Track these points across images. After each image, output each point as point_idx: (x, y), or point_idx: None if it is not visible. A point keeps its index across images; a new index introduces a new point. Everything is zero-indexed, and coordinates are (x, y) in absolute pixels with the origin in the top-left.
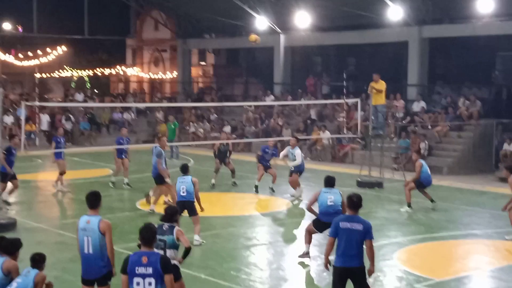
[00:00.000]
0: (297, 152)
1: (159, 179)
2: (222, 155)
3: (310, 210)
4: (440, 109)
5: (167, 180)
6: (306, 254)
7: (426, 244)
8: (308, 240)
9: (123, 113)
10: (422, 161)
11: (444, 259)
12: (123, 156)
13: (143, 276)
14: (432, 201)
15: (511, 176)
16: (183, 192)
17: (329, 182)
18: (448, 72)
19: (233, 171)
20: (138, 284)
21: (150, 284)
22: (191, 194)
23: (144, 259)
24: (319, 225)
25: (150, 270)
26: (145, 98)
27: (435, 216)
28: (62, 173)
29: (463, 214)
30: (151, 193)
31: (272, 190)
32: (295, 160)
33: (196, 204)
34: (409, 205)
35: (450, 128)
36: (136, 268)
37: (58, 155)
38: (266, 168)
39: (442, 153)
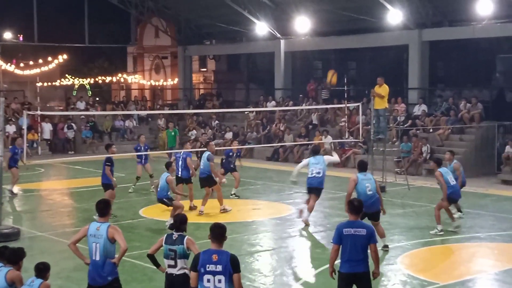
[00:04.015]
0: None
1: (207, 182)
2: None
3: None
4: (441, 112)
5: (223, 180)
6: None
7: (429, 248)
8: None
9: (125, 121)
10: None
11: (448, 262)
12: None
13: (213, 273)
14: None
15: (437, 170)
16: None
17: (363, 166)
18: (448, 75)
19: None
20: (208, 281)
21: (220, 281)
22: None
23: (215, 257)
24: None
25: (220, 268)
26: (147, 105)
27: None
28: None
29: (466, 217)
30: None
31: (236, 195)
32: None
33: None
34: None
35: (452, 131)
36: (207, 265)
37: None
38: (231, 170)
39: (444, 157)
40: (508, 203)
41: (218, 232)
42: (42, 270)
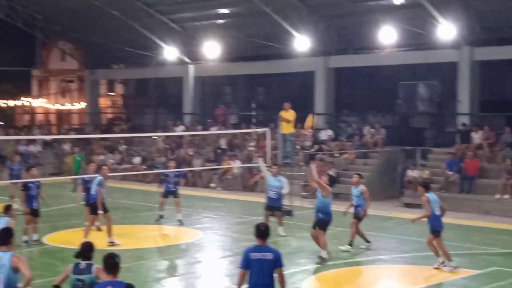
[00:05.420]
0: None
1: (95, 209)
2: None
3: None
4: (346, 137)
5: (100, 212)
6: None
7: (335, 271)
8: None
9: (29, 145)
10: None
11: (352, 285)
12: None
13: None
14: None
15: (425, 194)
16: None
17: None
18: (353, 101)
19: None
20: None
21: None
22: None
23: None
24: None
25: None
26: (52, 129)
27: (343, 243)
28: None
29: (370, 240)
30: (86, 223)
31: (181, 222)
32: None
33: None
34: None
35: (357, 156)
36: None
37: None
38: (172, 194)
39: (349, 180)
40: (410, 226)
41: (111, 262)
42: None
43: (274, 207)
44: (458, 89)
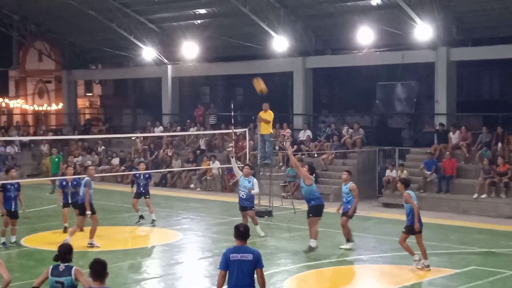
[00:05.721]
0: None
1: (83, 210)
2: None
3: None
4: (325, 137)
5: (88, 213)
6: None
7: (315, 271)
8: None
9: (6, 147)
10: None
11: (333, 285)
12: None
13: None
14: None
15: (405, 191)
16: None
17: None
18: (332, 101)
19: None
20: None
21: None
22: None
23: None
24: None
25: None
26: (29, 130)
27: (323, 243)
28: None
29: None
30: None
31: (153, 221)
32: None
33: None
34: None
35: (335, 156)
36: None
37: None
38: (143, 195)
39: (329, 181)
40: (389, 226)
41: (98, 269)
42: None
43: (245, 207)
44: (435, 90)
